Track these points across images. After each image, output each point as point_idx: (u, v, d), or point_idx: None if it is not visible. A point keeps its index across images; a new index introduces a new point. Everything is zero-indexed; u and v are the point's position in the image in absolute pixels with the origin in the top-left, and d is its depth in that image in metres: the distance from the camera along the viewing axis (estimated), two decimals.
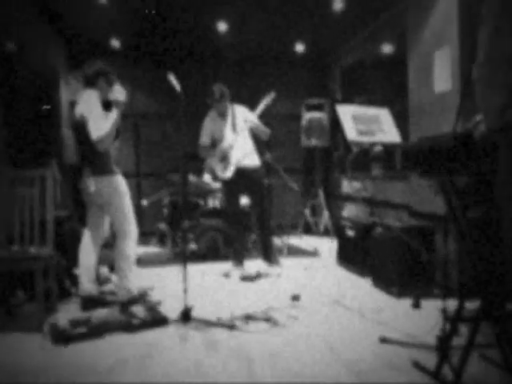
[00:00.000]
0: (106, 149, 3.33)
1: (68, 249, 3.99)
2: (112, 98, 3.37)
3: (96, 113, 3.29)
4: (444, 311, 2.33)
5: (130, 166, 7.23)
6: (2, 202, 3.54)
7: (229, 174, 4.58)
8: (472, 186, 2.35)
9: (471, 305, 2.25)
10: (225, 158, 4.63)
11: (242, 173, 4.60)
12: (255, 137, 4.82)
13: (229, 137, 4.63)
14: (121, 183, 3.49)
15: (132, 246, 3.53)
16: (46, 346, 2.80)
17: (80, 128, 3.35)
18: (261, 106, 4.59)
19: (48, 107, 3.66)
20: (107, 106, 3.39)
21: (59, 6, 5.24)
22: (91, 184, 3.42)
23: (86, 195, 3.51)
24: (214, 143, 4.73)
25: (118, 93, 3.37)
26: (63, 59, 6.47)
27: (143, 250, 5.95)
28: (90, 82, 3.47)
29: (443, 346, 2.12)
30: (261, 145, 5.12)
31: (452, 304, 2.39)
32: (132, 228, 3.54)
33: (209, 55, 7.35)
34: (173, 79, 3.49)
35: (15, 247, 3.38)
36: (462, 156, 1.97)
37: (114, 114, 3.32)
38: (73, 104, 3.58)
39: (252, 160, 4.70)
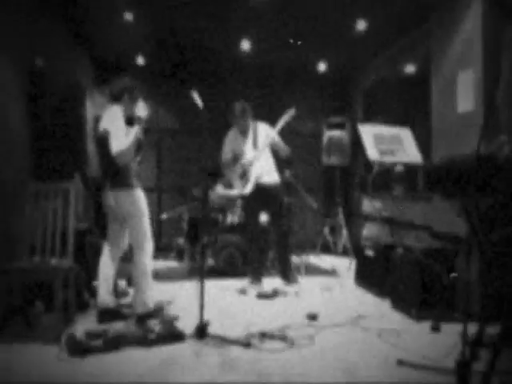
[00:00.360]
0: (125, 163, 3.37)
1: (88, 261, 4.03)
2: (134, 113, 3.43)
3: (118, 128, 3.34)
4: (464, 335, 2.27)
5: (152, 181, 7.31)
6: (26, 214, 3.61)
7: (247, 190, 4.59)
8: (495, 208, 2.31)
9: (492, 329, 2.19)
10: (245, 175, 4.64)
11: (261, 190, 4.60)
12: (275, 155, 4.83)
13: (250, 154, 4.64)
14: (140, 198, 3.52)
15: (148, 260, 3.55)
16: (62, 358, 2.81)
17: (103, 142, 3.40)
18: (281, 122, 4.59)
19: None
20: (130, 121, 3.44)
21: (86, 25, 5.39)
22: (111, 197, 3.47)
23: (107, 208, 3.56)
24: (235, 159, 4.75)
25: (141, 109, 3.43)
26: (89, 75, 6.62)
27: (161, 264, 5.98)
28: (115, 98, 3.54)
29: (462, 370, 2.06)
30: (281, 163, 5.13)
31: (472, 328, 2.34)
32: (148, 242, 3.56)
33: (231, 73, 7.44)
34: (195, 96, 3.54)
35: (36, 258, 3.43)
36: (485, 177, 1.94)
37: (134, 130, 3.37)
38: (97, 119, 3.65)
39: (272, 177, 4.70)
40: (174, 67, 7.19)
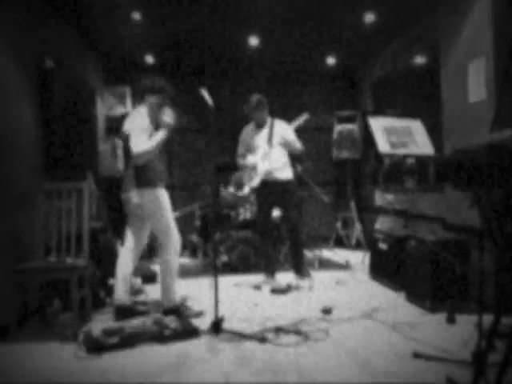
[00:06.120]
0: (141, 164, 3.39)
1: (102, 259, 4.07)
2: (161, 119, 3.44)
3: (139, 128, 3.35)
4: (479, 326, 2.26)
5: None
6: (40, 214, 3.65)
7: (254, 184, 4.60)
8: (508, 198, 2.29)
9: (508, 320, 2.18)
10: (254, 169, 4.64)
11: (273, 185, 4.60)
12: (289, 150, 4.81)
13: (262, 149, 4.63)
14: (162, 197, 3.55)
15: (173, 258, 3.58)
16: (80, 355, 2.86)
17: (126, 141, 3.43)
18: (293, 125, 4.61)
19: None
20: (156, 125, 3.46)
21: (95, 24, 5.42)
22: (134, 196, 3.49)
23: (129, 207, 3.59)
24: (248, 151, 4.75)
25: (168, 116, 3.44)
26: (99, 75, 6.65)
27: None
28: (153, 91, 3.55)
29: (478, 361, 2.05)
30: (292, 157, 5.12)
31: (488, 319, 2.32)
32: (173, 241, 3.58)
33: (240, 70, 7.43)
34: (205, 94, 3.54)
35: (52, 258, 3.47)
36: (498, 167, 1.92)
37: (160, 135, 3.39)
38: (124, 117, 3.66)
39: (284, 174, 4.69)
40: (183, 65, 7.19)
